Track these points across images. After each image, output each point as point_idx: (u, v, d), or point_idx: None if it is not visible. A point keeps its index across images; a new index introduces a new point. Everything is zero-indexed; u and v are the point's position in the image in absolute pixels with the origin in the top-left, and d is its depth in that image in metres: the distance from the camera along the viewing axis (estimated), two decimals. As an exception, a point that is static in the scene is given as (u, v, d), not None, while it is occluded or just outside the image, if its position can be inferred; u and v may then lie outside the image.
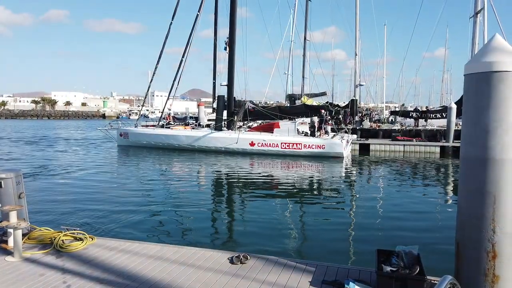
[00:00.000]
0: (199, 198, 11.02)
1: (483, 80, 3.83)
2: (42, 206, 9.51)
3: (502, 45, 3.83)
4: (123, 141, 25.83)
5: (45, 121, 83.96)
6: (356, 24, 31.18)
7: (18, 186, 5.56)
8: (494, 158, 3.86)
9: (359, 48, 32.01)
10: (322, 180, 15.02)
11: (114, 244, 5.41)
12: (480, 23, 23.33)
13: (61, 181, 13.22)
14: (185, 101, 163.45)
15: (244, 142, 22.09)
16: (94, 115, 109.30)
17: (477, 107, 3.94)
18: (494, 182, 3.85)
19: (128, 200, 10.40)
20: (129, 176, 14.91)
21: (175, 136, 23.91)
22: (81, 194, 11.08)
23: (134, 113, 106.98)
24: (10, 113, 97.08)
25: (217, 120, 24.10)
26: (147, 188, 12.47)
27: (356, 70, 32.12)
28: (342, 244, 7.26)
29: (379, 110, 53.95)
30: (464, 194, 4.16)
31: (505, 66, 3.68)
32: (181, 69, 26.09)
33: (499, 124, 3.82)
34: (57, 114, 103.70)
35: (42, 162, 18.06)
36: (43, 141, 30.57)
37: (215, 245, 6.99)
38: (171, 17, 26.42)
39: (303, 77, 37.61)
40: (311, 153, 21.14)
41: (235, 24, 24.72)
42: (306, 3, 35.58)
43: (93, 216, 8.66)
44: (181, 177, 15.22)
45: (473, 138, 4.03)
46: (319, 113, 23.31)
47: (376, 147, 24.39)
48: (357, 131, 27.08)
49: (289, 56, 41.27)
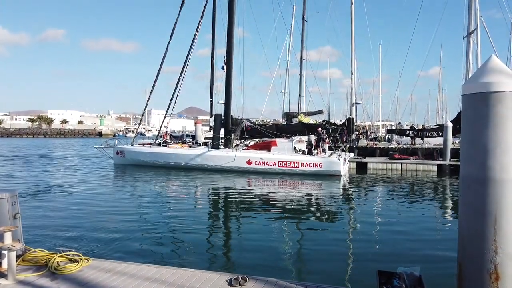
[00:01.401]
0: (196, 218, 10.90)
1: (481, 100, 3.86)
2: (37, 226, 9.36)
3: (499, 66, 3.87)
4: (119, 159, 25.71)
5: (41, 139, 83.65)
6: (352, 44, 31.66)
7: (13, 206, 5.48)
8: (494, 178, 3.86)
9: (355, 67, 32.40)
10: (320, 199, 14.94)
11: (110, 266, 5.31)
12: (473, 43, 23.75)
13: (56, 201, 13.06)
14: (182, 119, 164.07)
15: (241, 161, 22.05)
16: (90, 133, 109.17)
17: (475, 127, 3.96)
18: (494, 202, 3.83)
19: (124, 220, 10.27)
20: (125, 195, 14.77)
21: (172, 155, 23.83)
22: (76, 214, 10.93)
23: (131, 131, 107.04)
24: (6, 131, 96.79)
25: (214, 138, 24.10)
26: (143, 208, 12.34)
27: (352, 89, 32.44)
28: (342, 264, 7.16)
29: (375, 128, 54.21)
30: (465, 214, 4.13)
31: (503, 86, 3.72)
32: (178, 87, 26.29)
33: (497, 144, 3.83)
34: (53, 132, 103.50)
35: (37, 181, 17.90)
36: (39, 159, 30.37)
37: (213, 266, 6.88)
38: (169, 37, 26.76)
39: (299, 95, 37.93)
40: (309, 171, 21.10)
41: (233, 44, 25.05)
42: (302, 23, 36.18)
43: (89, 237, 8.52)
44: (177, 196, 15.10)
45: (472, 158, 4.03)
46: (316, 131, 23.38)
47: (373, 165, 24.40)
48: (354, 149, 27.13)
49: (285, 74, 41.74)
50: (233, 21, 24.76)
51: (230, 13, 24.76)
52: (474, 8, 23.49)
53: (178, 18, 26.46)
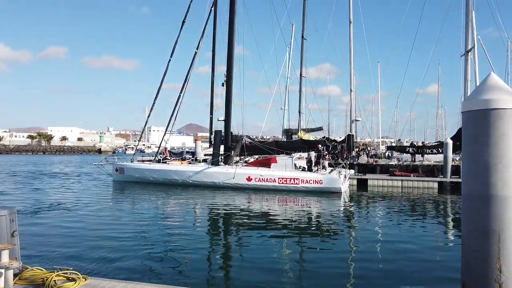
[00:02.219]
0: (195, 237, 10.80)
1: (481, 117, 3.87)
2: (34, 244, 9.26)
3: (498, 83, 3.90)
4: (118, 176, 25.60)
5: (40, 156, 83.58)
6: (351, 62, 31.97)
7: (12, 223, 5.42)
8: (496, 194, 3.84)
9: (354, 84, 32.66)
10: (321, 216, 14.82)
11: (108, 284, 5.22)
12: (471, 61, 23.99)
13: (54, 219, 12.95)
14: (182, 135, 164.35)
15: (241, 177, 21.97)
16: (90, 150, 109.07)
17: (476, 144, 3.96)
18: (497, 219, 3.80)
19: (123, 238, 10.15)
20: (124, 213, 14.66)
21: (172, 171, 23.76)
22: (74, 232, 10.82)
23: (130, 147, 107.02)
24: (5, 148, 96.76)
25: (214, 155, 24.08)
26: (142, 226, 12.22)
27: (352, 106, 32.61)
28: (344, 284, 7.04)
29: (375, 145, 54.25)
30: (468, 232, 4.09)
31: (503, 103, 3.74)
32: (178, 104, 26.41)
33: (499, 161, 3.83)
34: (52, 149, 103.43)
35: (35, 198, 17.79)
36: (37, 176, 30.26)
37: (212, 285, 6.77)
38: (170, 55, 27.06)
39: (299, 112, 38.11)
40: (309, 188, 21.00)
41: (233, 61, 25.31)
42: (302, 41, 36.64)
43: (87, 255, 8.42)
44: (176, 214, 14.98)
45: (473, 175, 4.02)
46: (316, 148, 23.38)
47: (374, 182, 24.31)
48: (354, 166, 27.06)
49: (285, 91, 42.01)
50: (233, 39, 25.10)
51: (230, 31, 25.11)
52: (471, 27, 23.82)
53: (178, 37, 26.85)
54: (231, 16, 25.10)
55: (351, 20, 31.79)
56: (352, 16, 31.78)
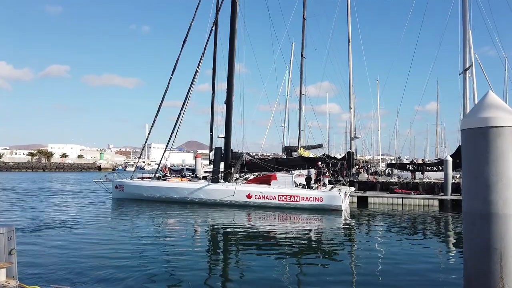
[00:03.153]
0: (195, 255, 10.69)
1: (481, 135, 3.89)
2: (32, 262, 9.16)
3: (497, 101, 3.94)
4: (118, 193, 25.48)
5: (40, 173, 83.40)
6: (350, 80, 32.22)
7: (10, 241, 5.38)
8: (497, 213, 3.82)
9: (354, 102, 32.85)
10: (322, 235, 14.69)
11: (106, 304, 5.14)
12: (469, 79, 24.20)
13: (52, 237, 12.83)
14: (182, 152, 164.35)
15: (241, 195, 21.87)
16: (90, 167, 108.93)
17: (476, 162, 3.97)
18: (499, 238, 3.78)
19: (121, 258, 10.03)
20: (123, 232, 14.53)
21: (171, 189, 23.66)
22: (72, 251, 10.71)
23: (130, 165, 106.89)
24: (5, 165, 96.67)
25: (214, 172, 24.03)
26: (141, 244, 12.10)
27: (351, 123, 32.72)
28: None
29: (375, 162, 54.22)
30: (469, 251, 4.06)
31: (501, 121, 3.77)
32: (179, 122, 26.50)
33: (499, 179, 3.83)
34: (52, 166, 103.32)
35: (34, 216, 17.67)
36: (36, 194, 30.14)
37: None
38: (171, 73, 27.34)
39: (299, 129, 38.22)
40: (309, 205, 20.88)
41: (233, 79, 25.55)
42: (301, 60, 37.02)
43: (85, 275, 8.31)
44: (176, 232, 14.86)
45: (474, 193, 4.01)
46: (316, 165, 23.35)
47: (374, 199, 24.18)
48: (354, 184, 26.97)
49: (285, 109, 42.26)
50: (234, 57, 25.40)
51: (230, 50, 25.44)
52: (468, 46, 24.13)
53: (180, 55, 27.16)
54: (232, 35, 25.48)
55: (350, 40, 32.18)
56: (351, 36, 32.22)
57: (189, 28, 27.08)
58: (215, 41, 32.24)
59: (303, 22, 36.93)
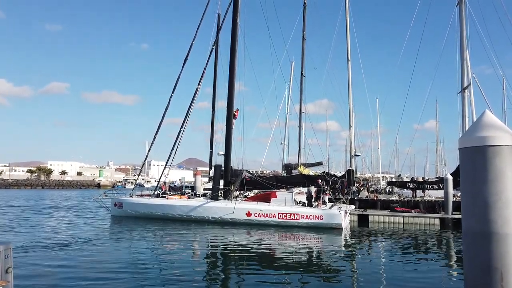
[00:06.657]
0: (194, 274, 10.57)
1: (479, 154, 3.91)
2: (29, 281, 9.04)
3: (493, 120, 3.97)
4: (117, 211, 25.30)
5: (39, 190, 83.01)
6: (350, 98, 32.44)
7: (6, 260, 5.32)
8: (497, 232, 3.81)
9: (353, 120, 32.99)
10: (322, 254, 14.54)
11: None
12: (467, 98, 24.37)
13: (50, 255, 12.70)
14: (182, 170, 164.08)
15: (241, 212, 21.73)
16: (89, 185, 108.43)
17: (474, 180, 3.97)
18: (499, 257, 3.75)
19: (119, 277, 9.90)
20: (121, 250, 14.39)
21: (171, 206, 23.51)
22: (69, 270, 10.59)
23: (130, 182, 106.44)
24: (4, 182, 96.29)
25: (214, 190, 23.94)
26: (139, 263, 11.96)
27: (351, 141, 32.77)
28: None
29: (375, 180, 54.03)
30: (470, 270, 4.02)
31: (499, 140, 3.79)
32: (179, 139, 26.53)
33: (498, 198, 3.83)
34: (51, 183, 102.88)
35: (31, 233, 17.53)
36: (34, 211, 29.95)
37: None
38: (172, 90, 27.54)
39: (299, 147, 38.24)
40: (309, 223, 20.72)
41: (233, 97, 25.74)
42: (301, 78, 37.35)
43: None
44: (175, 251, 14.71)
45: (473, 212, 4.00)
46: (316, 182, 23.27)
47: (375, 218, 24.01)
48: (355, 202, 26.84)
49: (285, 127, 42.37)
50: (234, 76, 25.66)
51: (231, 69, 25.72)
52: (466, 65, 24.39)
53: (181, 74, 27.38)
54: (232, 54, 25.81)
55: (349, 58, 32.56)
56: (350, 54, 32.60)
57: (190, 47, 27.42)
58: (215, 60, 32.68)
59: (303, 41, 37.43)
